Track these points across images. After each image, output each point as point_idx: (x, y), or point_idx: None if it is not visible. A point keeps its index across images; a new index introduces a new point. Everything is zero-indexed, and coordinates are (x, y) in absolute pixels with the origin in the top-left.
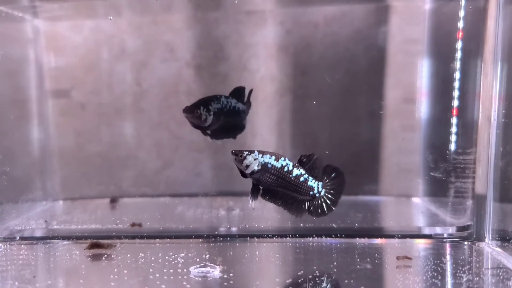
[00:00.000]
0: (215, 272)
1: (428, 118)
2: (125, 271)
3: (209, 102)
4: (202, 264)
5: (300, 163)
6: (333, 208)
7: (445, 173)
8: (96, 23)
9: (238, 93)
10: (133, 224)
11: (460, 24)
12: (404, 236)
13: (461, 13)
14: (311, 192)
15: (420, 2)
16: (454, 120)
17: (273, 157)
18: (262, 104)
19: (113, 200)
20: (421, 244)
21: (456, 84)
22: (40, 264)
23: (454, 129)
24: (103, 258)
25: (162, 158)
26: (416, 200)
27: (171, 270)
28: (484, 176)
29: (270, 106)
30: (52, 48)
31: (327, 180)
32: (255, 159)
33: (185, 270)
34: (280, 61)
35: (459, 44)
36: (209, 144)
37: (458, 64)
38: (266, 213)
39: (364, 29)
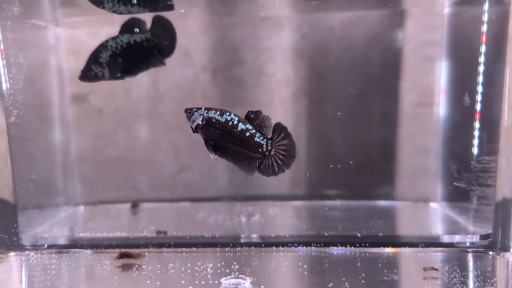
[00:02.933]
0: (246, 284)
1: (447, 122)
2: (158, 283)
3: (97, 56)
4: (233, 275)
5: (248, 119)
6: (285, 169)
7: (466, 178)
8: (114, 29)
9: (131, 26)
10: (158, 232)
11: (484, 28)
12: (424, 245)
13: (485, 17)
14: (260, 150)
15: (438, 6)
16: (477, 125)
17: (218, 112)
18: (278, 108)
19: (134, 205)
20: (443, 253)
21: (480, 88)
22: (73, 275)
23: (476, 133)
24: (134, 268)
25: (179, 162)
26: (434, 205)
27: (203, 282)
28: (509, 182)
29: (286, 110)
30: (72, 54)
31: (276, 140)
32: (200, 115)
33: (216, 281)
34: (296, 65)
35: (483, 48)
36: None
37: (481, 68)
38: (288, 220)
39: (380, 32)
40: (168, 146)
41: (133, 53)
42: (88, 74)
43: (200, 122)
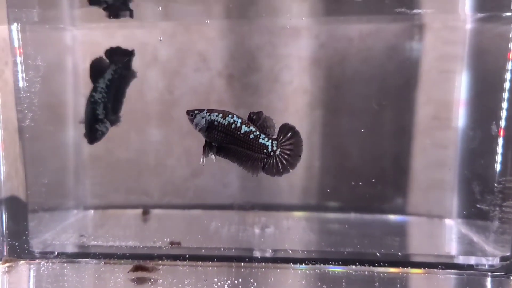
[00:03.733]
0: None
1: (466, 137)
2: None
3: (95, 115)
4: None
5: (250, 121)
6: (290, 169)
7: (489, 200)
8: (128, 31)
9: (99, 69)
10: (172, 243)
11: (511, 45)
12: (438, 266)
13: None
14: (265, 150)
15: (460, 22)
16: (500, 141)
17: (220, 115)
18: (293, 116)
19: (145, 212)
20: (459, 276)
21: (505, 104)
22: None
23: (500, 150)
24: (149, 282)
25: (191, 167)
26: (450, 222)
27: None
28: None
29: (301, 119)
30: (88, 54)
31: (282, 139)
32: (202, 118)
33: None
34: (313, 74)
35: (509, 65)
36: None
37: (507, 85)
38: (303, 234)
39: (398, 45)
40: (180, 151)
41: (114, 89)
42: (97, 136)
43: (204, 125)
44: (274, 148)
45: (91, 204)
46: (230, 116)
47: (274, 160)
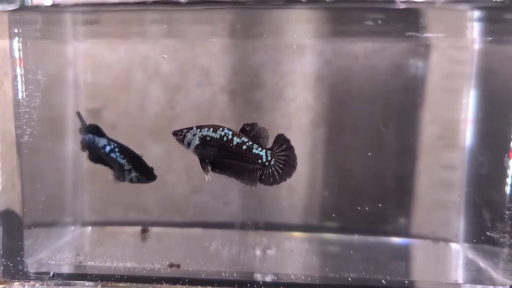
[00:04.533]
0: None
1: (474, 158)
2: None
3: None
4: None
5: (244, 132)
6: (287, 178)
7: (496, 222)
8: (132, 46)
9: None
10: (171, 265)
11: None
12: None
13: None
14: (260, 161)
15: (468, 42)
16: (510, 163)
17: (211, 129)
18: (296, 133)
19: (144, 230)
20: None
21: None
22: None
23: (510, 172)
24: None
25: (191, 183)
26: (456, 246)
27: None
28: None
29: (304, 136)
30: (89, 68)
31: (277, 149)
32: (194, 135)
33: None
34: (317, 91)
35: None
36: None
37: None
38: (307, 258)
39: (404, 63)
40: (180, 167)
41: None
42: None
43: (197, 142)
44: (269, 158)
45: (88, 220)
46: (220, 129)
47: (270, 170)
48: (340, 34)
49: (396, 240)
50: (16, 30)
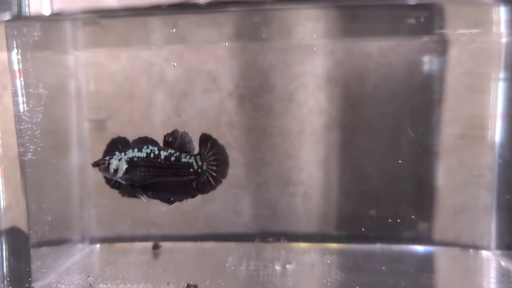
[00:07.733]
0: None
1: (503, 158)
2: None
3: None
4: None
5: (166, 144)
6: (222, 180)
7: None
8: (133, 53)
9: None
10: (188, 286)
11: None
12: None
13: None
14: (191, 169)
15: (494, 36)
16: None
17: (135, 149)
18: (309, 138)
19: (156, 246)
20: None
21: None
22: None
23: None
24: None
25: None
26: (487, 254)
27: None
28: None
29: (317, 141)
30: (91, 78)
31: (205, 152)
32: (119, 160)
33: None
34: (330, 92)
35: None
36: (249, 180)
37: None
38: (331, 272)
39: (421, 60)
40: None
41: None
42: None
43: (126, 166)
44: (199, 163)
45: (97, 236)
46: (145, 147)
47: (205, 177)
48: (350, 33)
49: (422, 248)
50: (14, 42)
